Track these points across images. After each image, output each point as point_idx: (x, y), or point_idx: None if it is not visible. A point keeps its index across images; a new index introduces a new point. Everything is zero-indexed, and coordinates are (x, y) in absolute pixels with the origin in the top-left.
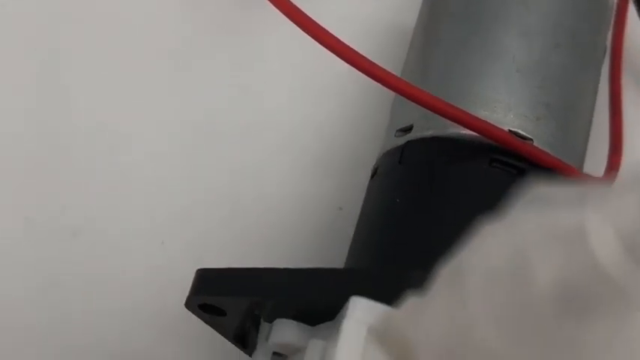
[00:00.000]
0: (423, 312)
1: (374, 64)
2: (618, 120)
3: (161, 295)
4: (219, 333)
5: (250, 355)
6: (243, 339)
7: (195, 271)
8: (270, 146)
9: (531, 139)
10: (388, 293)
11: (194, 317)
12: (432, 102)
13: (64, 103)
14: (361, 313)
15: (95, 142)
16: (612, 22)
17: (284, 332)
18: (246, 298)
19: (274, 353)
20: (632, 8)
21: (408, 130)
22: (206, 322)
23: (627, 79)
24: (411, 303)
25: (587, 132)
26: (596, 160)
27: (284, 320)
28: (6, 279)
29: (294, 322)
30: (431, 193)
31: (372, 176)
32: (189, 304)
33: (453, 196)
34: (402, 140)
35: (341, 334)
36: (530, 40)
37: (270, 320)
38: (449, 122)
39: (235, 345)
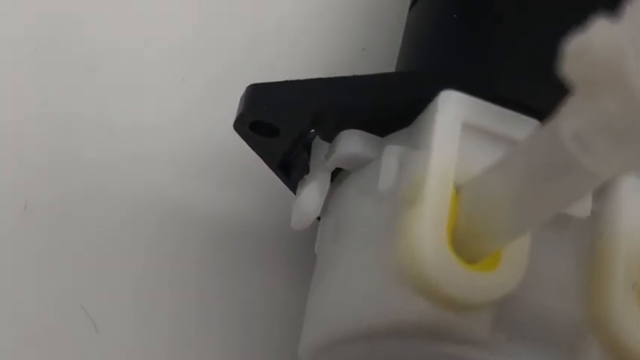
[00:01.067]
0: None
1: None
2: None
3: (181, 134)
4: (265, 160)
5: (293, 189)
6: (288, 167)
7: (216, 108)
8: None
9: None
10: (478, 87)
11: (221, 158)
12: None
13: None
14: (455, 106)
15: None
16: None
17: (352, 143)
18: (309, 110)
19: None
20: None
21: None
22: (253, 146)
23: None
24: (603, 25)
25: None
26: None
27: (351, 131)
28: (10, 113)
29: (363, 132)
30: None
31: (412, 4)
32: (239, 124)
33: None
34: None
35: (435, 128)
36: None
37: (330, 138)
38: None
39: (278, 174)
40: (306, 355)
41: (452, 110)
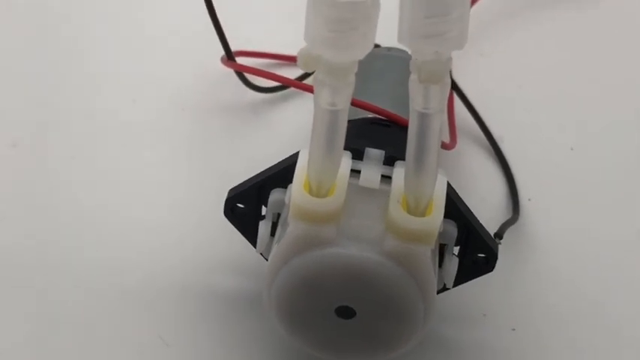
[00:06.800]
0: None
1: None
2: None
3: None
4: (244, 236)
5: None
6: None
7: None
8: None
9: None
10: None
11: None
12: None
13: None
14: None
15: None
16: None
17: (276, 194)
18: (253, 185)
19: (273, 223)
20: None
21: None
22: (236, 225)
23: None
24: None
25: None
26: None
27: (276, 189)
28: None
29: (281, 188)
30: None
31: None
32: (226, 210)
33: None
34: None
35: (298, 162)
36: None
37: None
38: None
39: (253, 245)
40: (264, 291)
41: (304, 154)
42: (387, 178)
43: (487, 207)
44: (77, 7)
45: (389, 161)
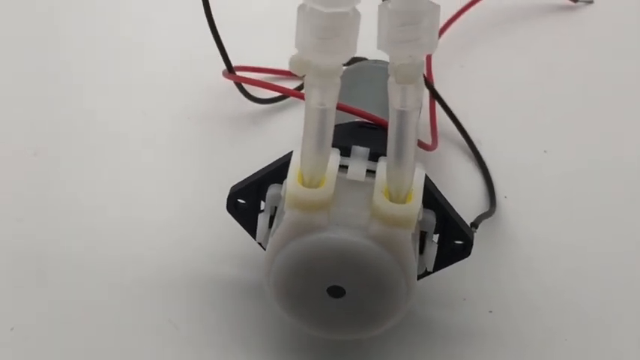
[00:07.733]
0: None
1: None
2: None
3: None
4: (245, 228)
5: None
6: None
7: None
8: None
9: None
10: None
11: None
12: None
13: None
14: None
15: None
16: None
17: (273, 189)
18: (253, 182)
19: (270, 216)
20: None
21: None
22: (238, 220)
23: None
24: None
25: None
26: None
27: (273, 185)
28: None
29: (277, 184)
30: None
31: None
32: (229, 205)
33: None
34: None
35: (292, 159)
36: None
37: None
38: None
39: (254, 237)
40: (264, 276)
41: (297, 152)
42: (371, 172)
43: (466, 204)
44: (93, 27)
45: (373, 157)
